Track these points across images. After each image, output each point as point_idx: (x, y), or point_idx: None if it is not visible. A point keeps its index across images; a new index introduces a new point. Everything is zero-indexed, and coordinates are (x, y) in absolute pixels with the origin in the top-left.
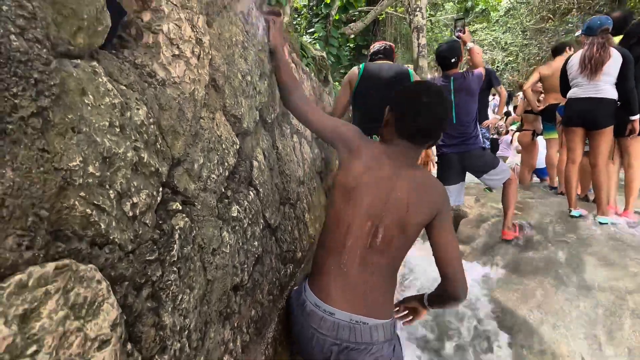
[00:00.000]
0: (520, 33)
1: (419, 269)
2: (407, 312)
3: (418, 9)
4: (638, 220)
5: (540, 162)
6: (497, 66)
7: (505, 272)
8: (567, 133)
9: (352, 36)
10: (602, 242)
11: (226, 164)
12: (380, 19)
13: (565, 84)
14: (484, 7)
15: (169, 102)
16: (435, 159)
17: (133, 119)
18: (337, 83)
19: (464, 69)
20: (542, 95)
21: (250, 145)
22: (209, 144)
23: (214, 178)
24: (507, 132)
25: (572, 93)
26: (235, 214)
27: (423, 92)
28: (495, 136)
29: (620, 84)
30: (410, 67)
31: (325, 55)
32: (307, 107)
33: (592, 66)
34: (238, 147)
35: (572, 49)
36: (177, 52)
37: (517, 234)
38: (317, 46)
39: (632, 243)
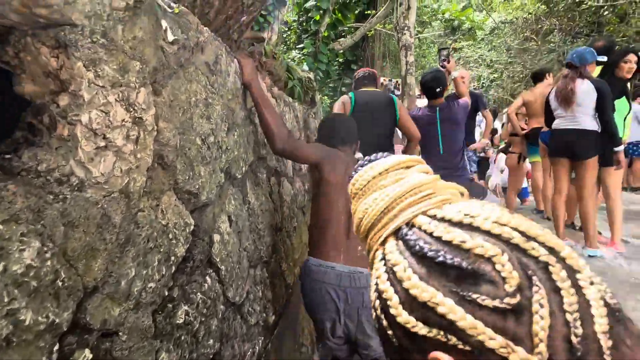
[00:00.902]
0: (505, 51)
1: None
2: None
3: (406, 28)
4: (625, 251)
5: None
6: (483, 82)
7: None
8: (552, 163)
9: (341, 51)
10: None
11: (173, 258)
12: (369, 35)
13: (549, 115)
14: (470, 26)
15: (85, 213)
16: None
17: (9, 270)
18: (326, 97)
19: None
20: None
21: (212, 215)
22: (147, 243)
23: (151, 287)
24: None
25: (555, 124)
26: (181, 320)
27: (331, 120)
28: (482, 154)
29: (598, 115)
30: (397, 85)
31: (312, 77)
32: (294, 150)
33: (561, 98)
34: (193, 227)
35: (551, 75)
36: (102, 144)
37: None
38: (305, 65)
39: (622, 280)
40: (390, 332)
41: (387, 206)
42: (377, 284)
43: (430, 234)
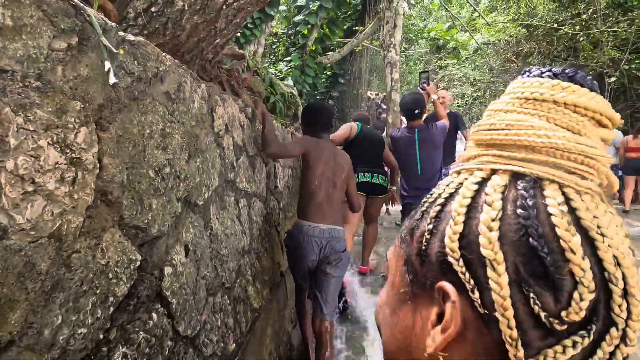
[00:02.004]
0: (488, 71)
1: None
2: None
3: (392, 45)
4: None
5: None
6: (467, 100)
7: None
8: None
9: (329, 65)
10: None
11: (111, 298)
12: (357, 50)
13: None
14: (454, 46)
15: (4, 263)
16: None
17: None
18: None
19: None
20: None
21: (164, 247)
22: (80, 287)
23: (82, 332)
24: None
25: None
26: None
27: (314, 107)
28: None
29: None
30: (384, 99)
31: (295, 92)
32: (282, 153)
33: None
34: (139, 262)
35: None
36: (31, 189)
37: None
38: (290, 79)
39: None
40: (424, 243)
41: (531, 145)
42: (453, 198)
43: (549, 215)
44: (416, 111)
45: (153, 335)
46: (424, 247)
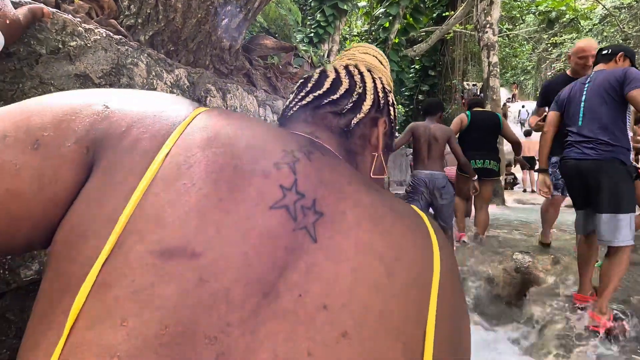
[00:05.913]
0: (622, 41)
1: None
2: None
3: (488, 25)
4: None
5: None
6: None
7: None
8: None
9: (417, 58)
10: None
11: None
12: (448, 38)
13: None
14: (572, 17)
15: None
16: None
17: None
18: (400, 106)
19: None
20: None
21: None
22: None
23: None
24: None
25: None
26: None
27: (424, 102)
28: None
29: None
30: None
31: None
32: (398, 145)
33: None
34: None
35: None
36: None
37: (610, 325)
38: None
39: None
40: None
41: None
42: None
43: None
44: (604, 51)
45: None
46: None
